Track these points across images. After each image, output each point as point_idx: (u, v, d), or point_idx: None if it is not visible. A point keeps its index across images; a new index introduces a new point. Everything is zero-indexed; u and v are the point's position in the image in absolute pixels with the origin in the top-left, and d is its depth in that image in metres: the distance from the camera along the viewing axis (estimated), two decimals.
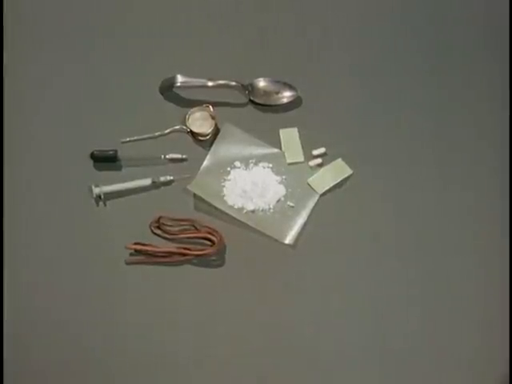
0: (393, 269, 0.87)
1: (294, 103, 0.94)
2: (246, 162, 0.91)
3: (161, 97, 0.94)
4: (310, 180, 0.90)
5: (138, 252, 0.86)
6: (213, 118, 0.91)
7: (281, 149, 0.92)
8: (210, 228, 0.87)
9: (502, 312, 0.85)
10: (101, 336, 0.83)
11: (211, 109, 0.92)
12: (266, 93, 0.94)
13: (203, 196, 0.88)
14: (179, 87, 0.92)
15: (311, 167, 0.91)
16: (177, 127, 0.92)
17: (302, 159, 0.91)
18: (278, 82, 0.94)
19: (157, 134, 0.92)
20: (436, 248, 0.88)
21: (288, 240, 0.87)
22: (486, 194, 0.90)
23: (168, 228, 0.87)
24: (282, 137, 0.92)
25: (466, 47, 0.98)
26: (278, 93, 0.94)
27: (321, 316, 0.84)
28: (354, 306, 0.85)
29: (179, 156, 0.91)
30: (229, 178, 0.90)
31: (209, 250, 0.85)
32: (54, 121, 0.93)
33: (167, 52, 0.96)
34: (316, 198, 0.89)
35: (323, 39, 0.98)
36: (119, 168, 0.90)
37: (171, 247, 0.86)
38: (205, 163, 0.90)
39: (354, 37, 0.98)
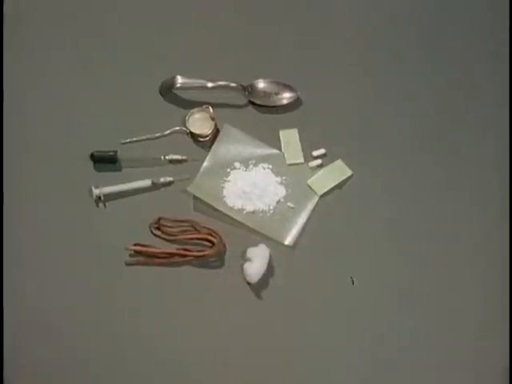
0: (392, 269, 0.87)
1: (294, 104, 0.94)
2: (245, 162, 0.91)
3: (161, 98, 0.94)
4: (310, 181, 0.90)
5: (137, 253, 0.86)
6: (212, 119, 0.91)
7: (281, 150, 0.92)
8: (209, 229, 0.87)
9: (502, 312, 0.85)
10: (100, 336, 0.83)
11: (211, 110, 0.91)
12: (266, 94, 0.94)
13: (203, 197, 0.88)
14: (179, 88, 0.92)
15: (311, 168, 0.91)
16: (177, 128, 0.92)
17: (301, 160, 0.91)
18: (277, 82, 0.94)
19: (157, 135, 0.92)
20: (436, 248, 0.88)
21: (288, 241, 0.87)
22: (486, 194, 0.90)
23: (168, 229, 0.87)
24: (281, 138, 0.92)
25: (467, 48, 0.97)
26: (277, 94, 0.93)
27: (320, 317, 0.84)
28: (354, 307, 0.85)
29: (179, 157, 0.91)
30: (228, 179, 0.90)
31: (208, 251, 0.85)
32: (54, 121, 0.93)
33: (167, 52, 0.96)
34: (316, 199, 0.89)
35: (323, 40, 0.97)
36: (119, 169, 0.90)
37: (171, 248, 0.86)
38: (204, 164, 0.90)
39: (354, 38, 0.98)
